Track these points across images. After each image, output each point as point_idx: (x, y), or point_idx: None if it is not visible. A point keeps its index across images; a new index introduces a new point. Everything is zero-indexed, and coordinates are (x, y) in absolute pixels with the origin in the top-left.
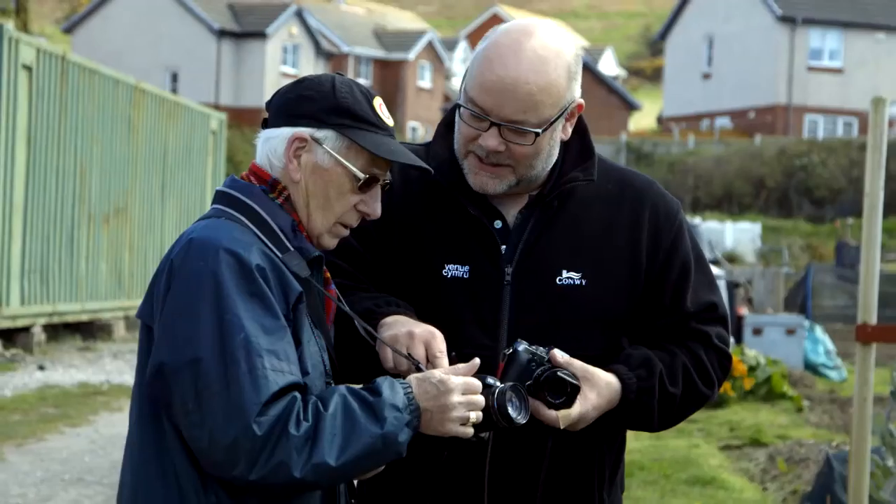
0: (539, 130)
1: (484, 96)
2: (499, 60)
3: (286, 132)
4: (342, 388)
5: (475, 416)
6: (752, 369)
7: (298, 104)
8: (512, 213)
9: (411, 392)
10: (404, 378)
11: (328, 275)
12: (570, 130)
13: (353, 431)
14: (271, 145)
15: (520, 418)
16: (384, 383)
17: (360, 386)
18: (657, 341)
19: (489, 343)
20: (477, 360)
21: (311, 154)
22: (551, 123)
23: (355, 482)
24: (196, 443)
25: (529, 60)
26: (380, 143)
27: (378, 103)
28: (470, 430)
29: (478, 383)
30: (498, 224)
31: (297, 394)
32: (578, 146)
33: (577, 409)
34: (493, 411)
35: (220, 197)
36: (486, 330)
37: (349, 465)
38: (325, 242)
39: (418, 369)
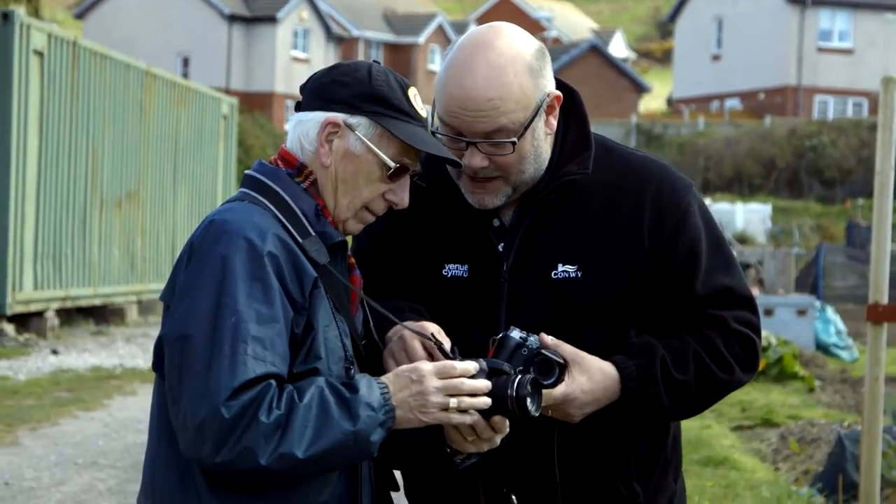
0: (515, 139)
1: (452, 119)
2: (457, 81)
3: (319, 116)
4: (321, 380)
5: (455, 402)
6: (763, 350)
7: (333, 89)
8: (509, 210)
9: (388, 393)
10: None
11: (353, 260)
12: (554, 123)
13: (325, 425)
14: (304, 128)
15: (533, 410)
16: (362, 381)
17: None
18: (672, 330)
19: (487, 339)
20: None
21: (343, 140)
22: (527, 127)
23: (394, 474)
24: (173, 419)
25: (485, 74)
26: (412, 133)
27: (413, 93)
28: (456, 416)
29: (452, 365)
30: (496, 223)
31: (272, 381)
32: (576, 137)
33: (560, 389)
34: (511, 400)
35: (246, 180)
36: (484, 328)
37: (317, 458)
38: (349, 228)
39: (445, 353)
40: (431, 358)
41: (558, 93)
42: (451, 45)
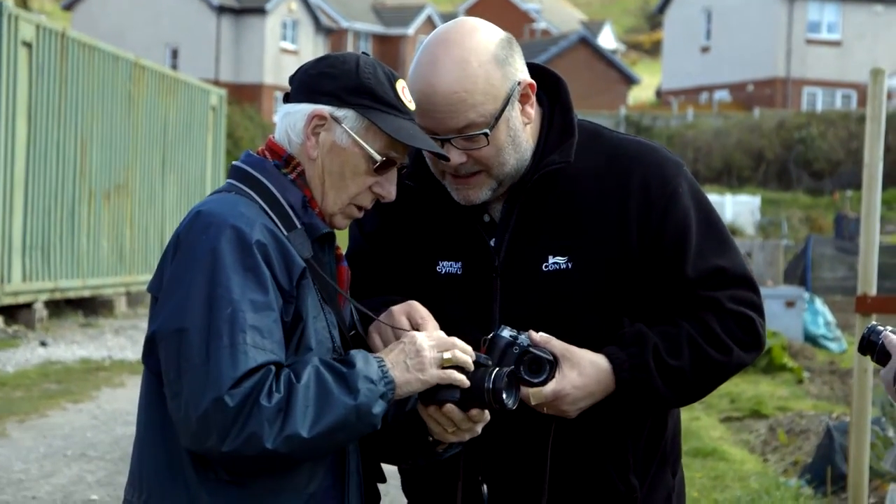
0: (487, 130)
1: (423, 119)
2: (423, 80)
3: (306, 108)
4: (315, 359)
5: (449, 354)
6: None
7: (320, 81)
8: (498, 205)
9: (385, 365)
10: None
11: (340, 251)
12: (531, 112)
13: (326, 402)
14: (291, 120)
15: (510, 403)
16: (358, 356)
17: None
18: (666, 315)
19: (482, 336)
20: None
21: (329, 132)
22: (498, 118)
23: (381, 465)
24: (173, 413)
25: (449, 69)
26: (399, 126)
27: (401, 86)
28: (455, 373)
29: (441, 332)
30: (486, 218)
31: (272, 367)
32: (560, 126)
33: (551, 386)
34: (487, 392)
35: (233, 171)
36: (478, 324)
37: (322, 436)
38: (336, 222)
39: None
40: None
41: (531, 81)
42: (417, 46)
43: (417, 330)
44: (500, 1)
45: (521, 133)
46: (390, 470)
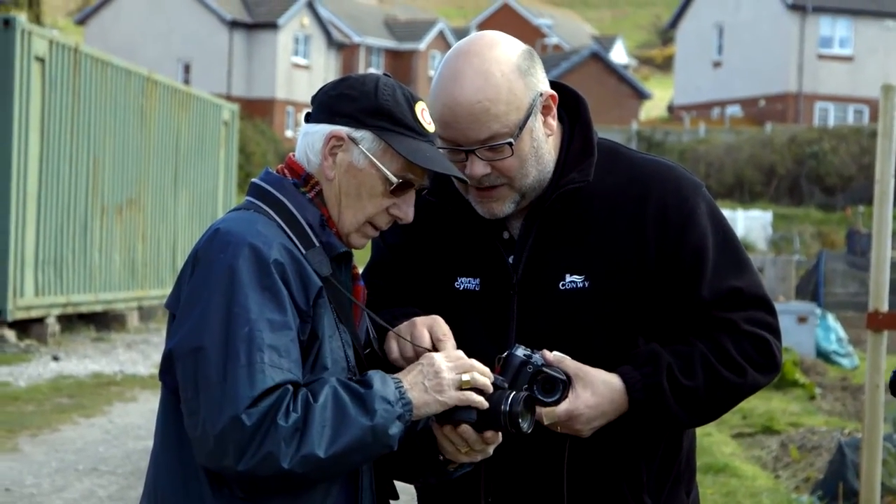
0: (512, 140)
1: (447, 130)
2: (445, 92)
3: (325, 129)
4: (333, 379)
5: (468, 376)
6: None
7: (339, 102)
8: (517, 222)
9: (402, 386)
10: None
11: (357, 270)
12: (553, 124)
13: (342, 423)
14: (309, 140)
15: (526, 427)
16: (375, 376)
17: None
18: (681, 336)
19: (498, 353)
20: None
21: (346, 153)
22: (522, 127)
23: (394, 482)
24: (191, 431)
25: (471, 80)
26: (416, 149)
27: (420, 108)
28: (473, 395)
29: (460, 352)
30: (505, 235)
31: (289, 386)
32: (580, 143)
33: (564, 406)
34: (503, 415)
35: (252, 189)
36: (495, 341)
37: (338, 456)
38: (353, 241)
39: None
40: (435, 348)
41: (553, 92)
42: (431, 58)
43: (436, 345)
44: (512, 16)
45: (543, 144)
46: (402, 485)
